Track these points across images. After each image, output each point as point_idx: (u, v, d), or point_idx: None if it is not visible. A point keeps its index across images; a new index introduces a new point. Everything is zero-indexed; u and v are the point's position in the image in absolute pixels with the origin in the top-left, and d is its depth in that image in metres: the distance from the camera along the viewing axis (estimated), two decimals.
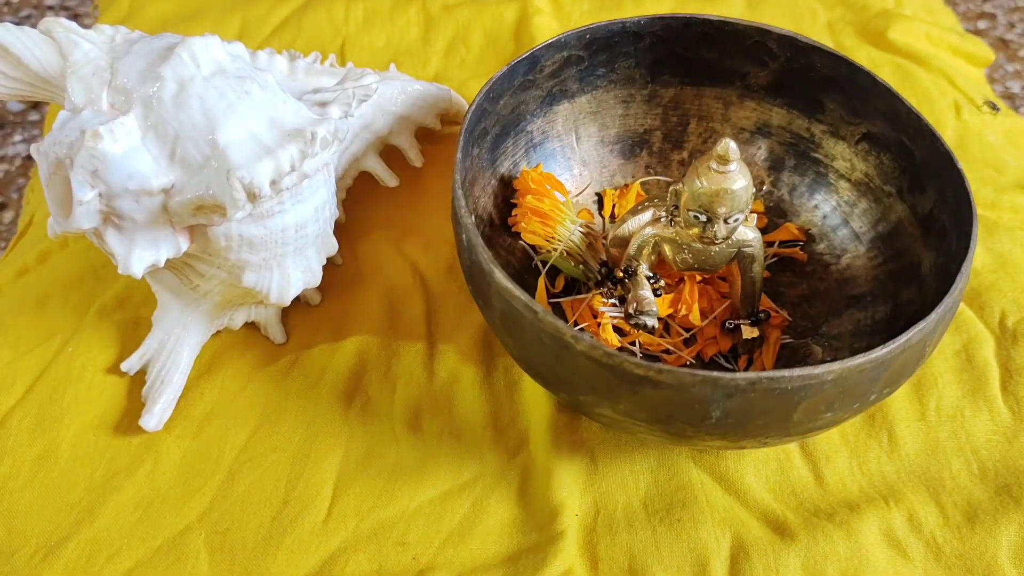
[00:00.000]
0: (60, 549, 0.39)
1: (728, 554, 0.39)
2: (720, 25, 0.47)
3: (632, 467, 0.42)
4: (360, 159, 0.51)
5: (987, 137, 0.58)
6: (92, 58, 0.37)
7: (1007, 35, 0.77)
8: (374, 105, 0.50)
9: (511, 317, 0.36)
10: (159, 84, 0.37)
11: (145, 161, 0.37)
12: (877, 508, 0.41)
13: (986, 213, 0.53)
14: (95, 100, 0.36)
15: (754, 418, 0.34)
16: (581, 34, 0.46)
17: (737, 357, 0.45)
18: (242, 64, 0.40)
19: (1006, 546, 0.39)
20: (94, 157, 0.35)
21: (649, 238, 0.43)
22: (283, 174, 0.38)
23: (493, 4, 0.66)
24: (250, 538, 0.40)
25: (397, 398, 0.44)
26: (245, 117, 0.38)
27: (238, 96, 0.39)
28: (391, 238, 0.51)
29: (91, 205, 0.36)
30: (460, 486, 0.41)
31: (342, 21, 0.65)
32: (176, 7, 0.67)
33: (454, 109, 0.55)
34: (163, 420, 0.43)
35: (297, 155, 0.38)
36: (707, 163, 0.39)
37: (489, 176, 0.46)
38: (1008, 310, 0.48)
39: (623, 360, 0.33)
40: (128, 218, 0.37)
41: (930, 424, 0.44)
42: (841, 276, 0.47)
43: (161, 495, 0.41)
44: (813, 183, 0.49)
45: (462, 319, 0.47)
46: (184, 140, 0.37)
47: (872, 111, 0.45)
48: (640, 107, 0.51)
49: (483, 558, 0.39)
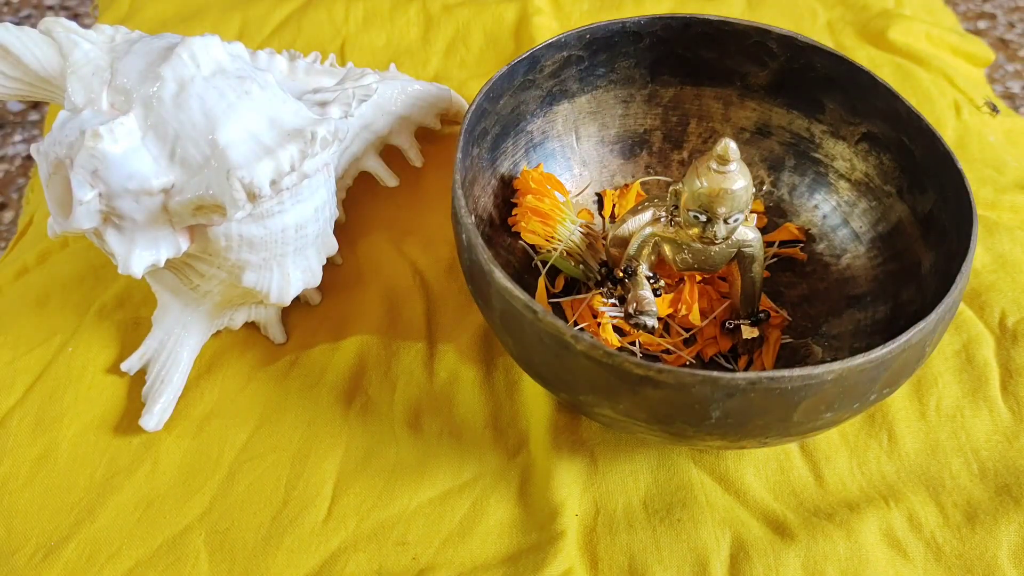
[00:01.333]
0: (60, 549, 0.39)
1: (728, 554, 0.39)
2: (720, 25, 0.47)
3: (632, 467, 0.42)
4: (360, 159, 0.51)
5: (987, 137, 0.58)
6: (92, 58, 0.37)
7: (1007, 35, 0.77)
8: (374, 105, 0.50)
9: (511, 317, 0.36)
10: (159, 84, 0.37)
11: (145, 161, 0.37)
12: (877, 508, 0.41)
13: (986, 213, 0.53)
14: (95, 100, 0.36)
15: (754, 418, 0.34)
16: (581, 34, 0.46)
17: (737, 357, 0.45)
18: (242, 64, 0.40)
19: (1006, 546, 0.39)
20: (94, 157, 0.35)
21: (649, 238, 0.43)
22: (283, 174, 0.38)
23: (493, 4, 0.66)
24: (250, 538, 0.40)
25: (397, 398, 0.44)
26: (245, 117, 0.38)
27: (238, 96, 0.38)
28: (391, 238, 0.51)
29: (91, 205, 0.36)
30: (460, 486, 0.41)
31: (342, 21, 0.65)
32: (176, 7, 0.67)
33: (454, 109, 0.55)
34: (163, 420, 0.43)
35: (297, 155, 0.38)
36: (707, 163, 0.39)
37: (489, 176, 0.46)
38: (1008, 310, 0.48)
39: (623, 360, 0.33)
40: (128, 218, 0.37)
41: (930, 424, 0.44)
42: (841, 276, 0.47)
43: (161, 495, 0.41)
44: (813, 183, 0.49)
45: (462, 319, 0.47)
46: (184, 140, 0.37)
47: (872, 111, 0.45)
48: (640, 107, 0.51)
49: (483, 558, 0.39)
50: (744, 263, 0.43)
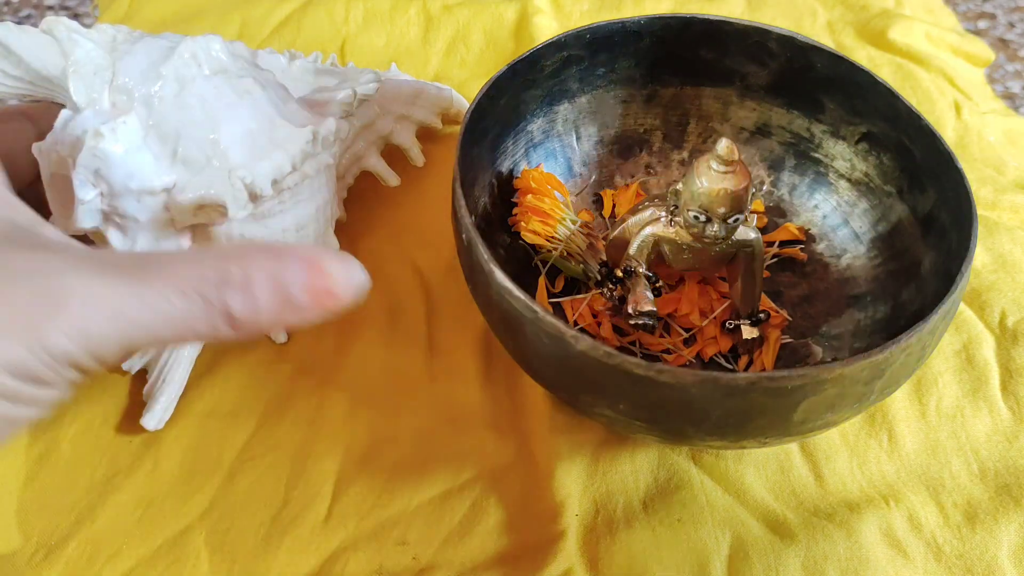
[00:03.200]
0: (60, 548, 0.39)
1: (728, 554, 0.39)
2: (720, 25, 0.47)
3: (632, 467, 0.42)
4: (362, 158, 0.51)
5: (987, 137, 0.58)
6: (94, 57, 0.37)
7: (1007, 35, 0.77)
8: (375, 105, 0.50)
9: (511, 317, 0.36)
10: (160, 83, 0.37)
11: (147, 160, 0.37)
12: (877, 508, 0.41)
13: (986, 213, 0.53)
14: (97, 99, 0.36)
15: (754, 418, 0.34)
16: (581, 34, 0.46)
17: (737, 357, 0.45)
18: (244, 63, 0.40)
19: (1006, 546, 0.40)
20: (96, 156, 0.35)
21: (649, 238, 0.43)
22: (284, 174, 0.38)
23: (493, 4, 0.66)
24: (250, 538, 0.40)
25: (397, 397, 0.44)
26: (246, 116, 0.38)
27: (239, 95, 0.38)
28: (392, 237, 0.51)
29: (93, 204, 0.36)
30: (460, 486, 0.41)
31: (342, 21, 0.65)
32: (176, 7, 0.67)
33: (455, 109, 0.55)
34: (164, 419, 0.43)
35: (298, 155, 0.38)
36: (707, 163, 0.39)
37: (489, 176, 0.46)
38: (1008, 310, 0.48)
39: (623, 360, 0.33)
40: (130, 218, 0.37)
41: (930, 424, 0.44)
42: (841, 276, 0.47)
43: (162, 494, 0.41)
44: (813, 183, 0.49)
45: (462, 319, 0.47)
46: (185, 139, 0.37)
47: (872, 111, 0.45)
48: (640, 107, 0.51)
49: (483, 558, 0.39)
50: (744, 263, 0.43)
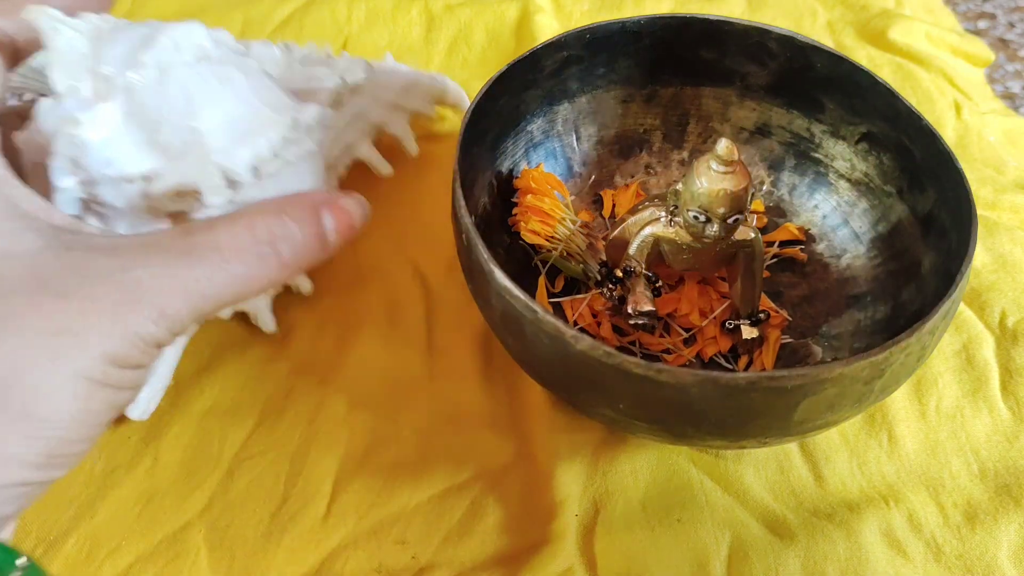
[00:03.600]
0: (60, 544, 0.39)
1: (727, 554, 0.39)
2: (720, 25, 0.47)
3: (632, 467, 0.42)
4: (353, 147, 0.50)
5: (987, 137, 0.58)
6: (76, 45, 0.36)
7: (1007, 35, 0.77)
8: (367, 93, 0.49)
9: (511, 317, 0.36)
10: (141, 70, 0.37)
11: (125, 147, 0.36)
12: (877, 508, 0.41)
13: (986, 213, 0.53)
14: (77, 87, 0.36)
15: (754, 418, 0.34)
16: (581, 34, 0.46)
17: (737, 357, 0.45)
18: (225, 51, 0.40)
19: (1006, 546, 0.40)
20: (73, 144, 0.35)
21: (649, 238, 0.43)
22: (263, 160, 0.37)
23: (495, 3, 0.66)
24: (250, 535, 0.40)
25: (396, 396, 0.44)
26: (227, 103, 0.38)
27: (220, 82, 0.38)
28: (391, 237, 0.51)
29: (71, 192, 0.36)
30: (460, 485, 0.41)
31: (344, 20, 0.65)
32: (178, 5, 0.67)
33: (450, 96, 0.54)
34: (149, 409, 0.42)
35: (278, 141, 0.38)
36: (707, 163, 0.39)
37: (489, 176, 0.46)
38: (1008, 310, 0.48)
39: (623, 360, 0.33)
40: (109, 205, 0.37)
41: (930, 424, 0.44)
42: (841, 276, 0.47)
43: (161, 491, 0.41)
44: (813, 183, 0.49)
45: (462, 319, 0.47)
46: (165, 126, 0.37)
47: (872, 111, 0.45)
48: (640, 107, 0.51)
49: (482, 557, 0.39)
50: (744, 263, 0.43)
